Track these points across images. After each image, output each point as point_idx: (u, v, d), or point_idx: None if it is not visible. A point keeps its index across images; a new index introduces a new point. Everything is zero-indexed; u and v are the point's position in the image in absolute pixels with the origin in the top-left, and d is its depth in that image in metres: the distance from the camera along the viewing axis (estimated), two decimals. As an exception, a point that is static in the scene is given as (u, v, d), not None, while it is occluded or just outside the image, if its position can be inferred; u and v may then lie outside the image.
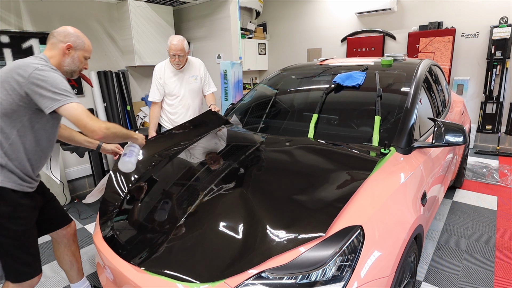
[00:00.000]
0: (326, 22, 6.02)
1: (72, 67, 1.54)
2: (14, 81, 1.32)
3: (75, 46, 1.52)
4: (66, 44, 1.49)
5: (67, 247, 1.82)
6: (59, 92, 1.32)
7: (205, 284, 1.12)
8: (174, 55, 2.66)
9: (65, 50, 1.49)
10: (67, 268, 1.87)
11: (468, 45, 4.74)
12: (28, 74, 1.30)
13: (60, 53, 1.49)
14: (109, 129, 1.40)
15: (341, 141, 1.85)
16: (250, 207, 1.38)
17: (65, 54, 1.50)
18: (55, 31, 1.51)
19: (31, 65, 1.33)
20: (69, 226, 1.81)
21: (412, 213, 1.43)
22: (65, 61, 1.51)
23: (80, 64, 1.57)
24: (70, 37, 1.51)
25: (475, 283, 2.04)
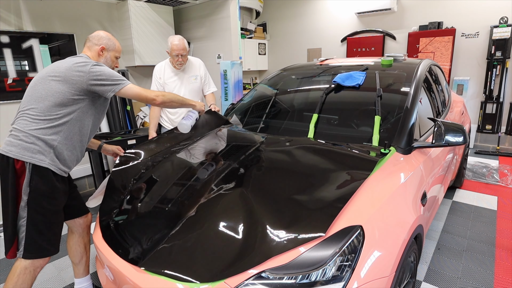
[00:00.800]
0: (326, 22, 6.02)
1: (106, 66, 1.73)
2: (76, 75, 1.54)
3: (108, 48, 1.76)
4: (100, 46, 1.73)
5: (81, 237, 1.89)
6: (116, 79, 1.61)
7: (205, 284, 1.12)
8: (177, 55, 2.66)
9: (100, 51, 1.74)
10: (76, 261, 1.92)
11: (468, 45, 4.74)
12: (88, 69, 1.55)
13: (96, 54, 1.73)
14: (165, 96, 1.78)
15: (341, 141, 1.85)
16: (250, 207, 1.38)
17: (100, 55, 1.74)
18: (90, 35, 1.76)
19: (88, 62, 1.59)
20: (86, 217, 1.89)
21: (412, 213, 1.43)
22: (100, 61, 1.73)
23: (112, 63, 1.81)
24: (103, 40, 1.75)
25: (475, 283, 2.04)
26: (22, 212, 1.50)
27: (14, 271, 1.54)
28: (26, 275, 1.55)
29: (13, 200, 1.50)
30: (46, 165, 1.51)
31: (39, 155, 1.50)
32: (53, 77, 1.54)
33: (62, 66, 1.57)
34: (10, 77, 3.54)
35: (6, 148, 1.51)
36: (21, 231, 1.51)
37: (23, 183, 1.48)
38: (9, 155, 1.49)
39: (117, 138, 3.29)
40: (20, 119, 1.54)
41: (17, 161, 1.48)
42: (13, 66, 3.56)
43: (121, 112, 4.33)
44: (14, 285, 1.52)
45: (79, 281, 1.97)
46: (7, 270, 2.37)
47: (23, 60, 3.64)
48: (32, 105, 1.53)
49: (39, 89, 1.54)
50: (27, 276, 1.55)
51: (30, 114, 1.52)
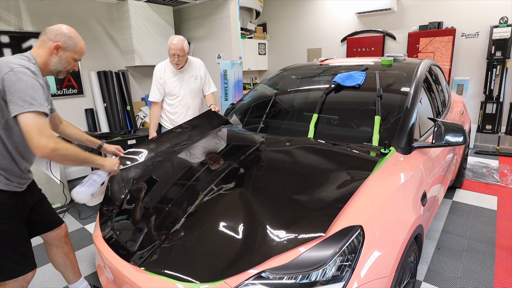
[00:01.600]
0: (326, 22, 6.02)
1: (59, 67, 1.50)
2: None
3: (65, 47, 1.47)
4: (55, 43, 1.44)
5: (59, 249, 1.80)
6: (23, 98, 1.24)
7: (205, 284, 1.12)
8: (174, 55, 2.66)
9: (53, 49, 1.45)
10: (62, 270, 1.86)
11: (468, 45, 4.74)
12: (2, 75, 1.26)
13: (47, 52, 1.45)
14: (56, 151, 1.27)
15: (341, 141, 1.85)
16: (250, 207, 1.38)
17: (53, 54, 1.46)
18: (48, 28, 1.47)
19: (8, 65, 1.29)
20: (59, 228, 1.77)
21: (412, 213, 1.43)
22: (52, 60, 1.46)
23: (67, 65, 1.52)
24: (62, 37, 1.46)
25: (475, 283, 2.04)
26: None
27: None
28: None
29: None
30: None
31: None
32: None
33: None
34: (10, 77, 3.54)
35: None
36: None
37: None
38: None
39: (117, 138, 3.29)
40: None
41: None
42: (13, 66, 3.56)
43: (121, 112, 4.33)
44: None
45: (73, 286, 1.92)
46: None
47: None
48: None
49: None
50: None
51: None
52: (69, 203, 3.54)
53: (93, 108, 4.29)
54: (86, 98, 4.19)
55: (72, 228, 2.95)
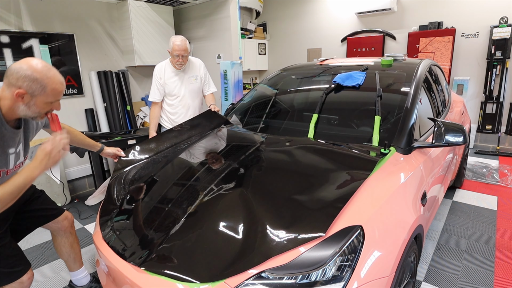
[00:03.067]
0: (326, 22, 6.02)
1: (29, 114, 1.27)
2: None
3: (31, 93, 1.20)
4: (17, 90, 1.18)
5: (64, 239, 1.85)
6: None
7: (205, 284, 1.12)
8: (178, 56, 2.66)
9: (16, 97, 1.20)
10: (65, 259, 1.92)
11: (468, 45, 4.74)
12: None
13: (11, 97, 1.20)
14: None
15: (341, 141, 1.85)
16: (250, 207, 1.38)
17: (18, 101, 1.21)
18: (10, 67, 1.21)
19: None
20: (65, 219, 1.82)
21: (412, 213, 1.43)
22: (18, 107, 1.24)
23: (41, 110, 1.28)
24: (24, 81, 1.18)
25: (475, 283, 2.04)
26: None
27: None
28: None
29: None
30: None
31: None
32: None
33: None
34: (10, 77, 3.54)
35: None
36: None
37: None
38: None
39: (117, 138, 3.29)
40: None
41: None
42: (13, 66, 3.56)
43: (121, 112, 4.33)
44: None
45: (74, 274, 1.98)
46: None
47: (23, 60, 3.63)
48: None
49: None
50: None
51: None
52: (69, 203, 3.54)
53: (93, 108, 4.29)
54: (86, 98, 4.19)
55: (72, 228, 2.95)
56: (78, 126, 4.15)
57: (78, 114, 4.19)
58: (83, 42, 4.13)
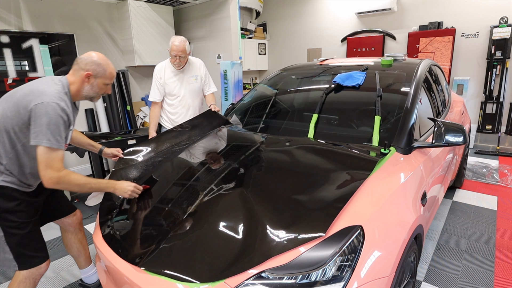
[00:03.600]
0: (326, 22, 6.02)
1: (91, 94, 1.62)
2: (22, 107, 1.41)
3: (95, 74, 1.57)
4: (86, 72, 1.55)
5: (73, 235, 1.93)
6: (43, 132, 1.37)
7: (205, 284, 1.12)
8: (175, 56, 2.66)
9: (85, 78, 1.55)
10: (75, 255, 1.99)
11: (468, 45, 4.74)
12: (32, 105, 1.39)
13: (80, 80, 1.56)
14: (59, 184, 1.43)
15: (341, 141, 1.85)
16: (250, 207, 1.38)
17: (85, 82, 1.57)
18: (79, 57, 1.57)
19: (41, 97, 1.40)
20: (74, 215, 1.92)
21: (412, 213, 1.43)
22: (84, 88, 1.58)
23: (99, 90, 1.63)
24: (91, 65, 1.55)
25: (475, 283, 2.04)
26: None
27: (15, 280, 1.59)
28: (26, 283, 1.59)
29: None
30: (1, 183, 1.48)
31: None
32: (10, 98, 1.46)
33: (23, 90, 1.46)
34: (10, 77, 3.55)
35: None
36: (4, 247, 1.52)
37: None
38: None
39: (117, 138, 3.29)
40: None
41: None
42: (13, 66, 3.56)
43: (121, 112, 4.33)
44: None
45: (84, 271, 2.06)
46: (7, 271, 2.37)
47: (23, 60, 3.64)
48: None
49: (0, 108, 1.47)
50: (28, 284, 1.60)
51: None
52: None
53: (93, 108, 4.29)
54: (86, 98, 4.19)
55: (72, 228, 2.95)
56: (78, 126, 4.15)
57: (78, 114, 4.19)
58: (83, 42, 4.13)
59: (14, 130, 1.44)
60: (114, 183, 1.63)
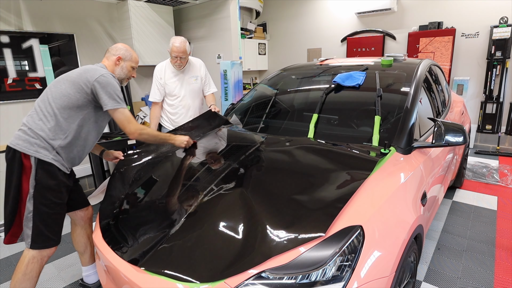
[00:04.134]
0: (326, 22, 6.02)
1: (121, 75, 1.88)
2: (83, 82, 1.65)
3: (124, 58, 1.86)
4: (116, 56, 1.84)
5: (83, 229, 1.99)
6: (115, 97, 1.68)
7: (205, 284, 1.12)
8: (176, 57, 2.67)
9: (116, 61, 1.84)
10: (81, 250, 2.03)
11: (468, 45, 4.74)
12: (95, 78, 1.65)
13: (112, 63, 1.84)
14: (142, 135, 1.80)
15: (341, 141, 1.85)
16: (250, 207, 1.38)
17: (116, 64, 1.85)
18: (110, 47, 1.89)
19: (98, 71, 1.69)
20: (87, 210, 1.98)
21: (412, 213, 1.43)
22: (116, 70, 1.85)
23: (128, 72, 1.90)
24: (120, 51, 1.86)
25: (475, 283, 2.04)
26: (28, 204, 1.59)
27: (23, 260, 1.63)
28: (34, 264, 1.64)
29: (16, 190, 1.59)
30: (50, 160, 1.60)
31: (43, 150, 1.59)
32: (66, 80, 1.67)
33: (76, 71, 1.71)
34: (10, 77, 3.54)
35: (14, 142, 1.60)
36: (28, 222, 1.60)
37: (29, 176, 1.58)
38: (16, 148, 1.58)
39: (117, 138, 3.29)
40: (30, 115, 1.65)
41: (24, 155, 1.58)
42: (13, 66, 3.56)
43: (121, 112, 4.32)
44: (23, 273, 1.62)
45: (86, 269, 2.08)
46: (6, 270, 2.37)
47: (23, 60, 3.64)
48: (42, 104, 1.65)
49: (52, 90, 1.66)
50: (35, 264, 1.65)
51: (38, 113, 1.64)
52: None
53: (93, 108, 4.28)
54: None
55: (72, 228, 2.95)
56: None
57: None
58: (83, 42, 4.13)
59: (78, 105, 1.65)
60: (173, 136, 2.03)
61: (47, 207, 1.61)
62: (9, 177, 1.61)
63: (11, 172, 1.60)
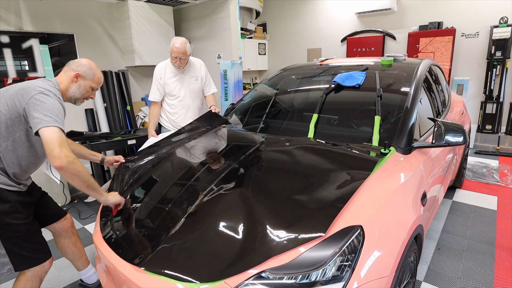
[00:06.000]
0: (326, 22, 6.02)
1: (76, 94, 1.67)
2: (17, 100, 1.44)
3: (84, 76, 1.66)
4: (76, 72, 1.64)
5: (67, 239, 1.92)
6: (48, 115, 1.38)
7: (205, 284, 1.12)
8: (176, 58, 2.67)
9: (74, 77, 1.64)
10: (71, 258, 1.98)
11: (468, 45, 4.74)
12: (30, 96, 1.42)
13: (69, 80, 1.63)
14: (73, 164, 1.38)
15: (341, 141, 1.85)
16: (250, 207, 1.38)
17: (73, 81, 1.64)
18: (71, 61, 1.69)
19: (36, 88, 1.45)
20: (65, 219, 1.90)
21: (412, 213, 1.43)
22: (71, 87, 1.64)
23: (85, 92, 1.69)
24: (82, 68, 1.65)
25: (475, 283, 2.04)
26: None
27: (20, 280, 1.60)
28: (33, 282, 1.61)
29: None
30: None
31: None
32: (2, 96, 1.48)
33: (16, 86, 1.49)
34: (10, 77, 3.54)
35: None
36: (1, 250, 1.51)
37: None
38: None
39: (117, 138, 3.29)
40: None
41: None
42: (13, 66, 3.56)
43: (121, 112, 4.33)
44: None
45: (83, 272, 2.06)
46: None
47: (23, 60, 3.64)
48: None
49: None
50: (34, 283, 1.62)
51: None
52: (69, 203, 3.54)
53: (93, 108, 4.29)
54: (86, 98, 4.19)
55: (72, 228, 2.95)
56: (78, 126, 4.15)
57: (78, 114, 4.19)
58: (83, 42, 4.13)
59: (7, 125, 1.45)
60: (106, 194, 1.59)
61: (11, 231, 1.49)
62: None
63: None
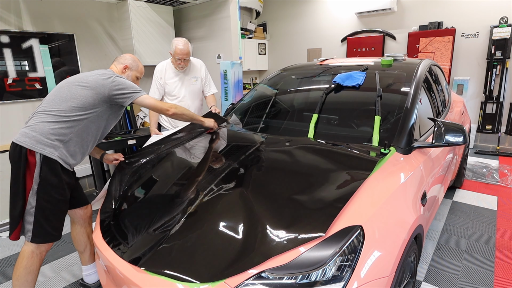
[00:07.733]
0: (326, 22, 6.02)
1: None
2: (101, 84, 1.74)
3: (131, 67, 2.02)
4: (124, 65, 1.99)
5: (83, 228, 2.00)
6: (135, 89, 1.82)
7: (205, 284, 1.12)
8: (180, 59, 2.67)
9: (123, 69, 1.99)
10: (81, 249, 2.04)
11: (468, 45, 4.74)
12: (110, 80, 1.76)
13: (119, 71, 1.97)
14: (177, 108, 1.99)
15: (341, 141, 1.85)
16: (250, 207, 1.38)
17: (123, 72, 1.98)
18: (118, 56, 2.05)
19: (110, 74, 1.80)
20: (86, 208, 2.00)
21: (412, 213, 1.43)
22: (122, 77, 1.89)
23: (132, 81, 1.98)
24: (128, 61, 2.02)
25: (475, 283, 2.04)
26: (31, 200, 1.61)
27: (23, 255, 1.68)
28: (33, 258, 1.68)
29: (22, 186, 1.62)
30: (55, 158, 1.63)
31: (50, 148, 1.62)
32: (80, 84, 1.74)
33: (90, 76, 1.78)
34: (10, 77, 3.54)
35: (20, 139, 1.62)
36: (29, 217, 1.63)
37: (33, 172, 1.61)
38: (22, 145, 1.60)
39: (117, 138, 3.29)
40: (38, 115, 1.68)
41: (29, 151, 1.60)
42: (13, 66, 3.56)
43: (121, 112, 4.33)
44: (24, 267, 1.66)
45: (86, 268, 2.08)
46: (6, 270, 2.37)
47: (23, 60, 3.64)
48: (53, 105, 1.69)
49: (65, 91, 1.72)
50: (35, 259, 1.69)
51: (48, 112, 1.67)
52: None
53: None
54: (86, 98, 4.19)
55: (72, 228, 2.95)
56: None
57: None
58: (83, 42, 4.13)
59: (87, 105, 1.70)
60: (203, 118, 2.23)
61: (50, 203, 1.64)
62: (15, 173, 1.63)
63: (17, 170, 1.62)
